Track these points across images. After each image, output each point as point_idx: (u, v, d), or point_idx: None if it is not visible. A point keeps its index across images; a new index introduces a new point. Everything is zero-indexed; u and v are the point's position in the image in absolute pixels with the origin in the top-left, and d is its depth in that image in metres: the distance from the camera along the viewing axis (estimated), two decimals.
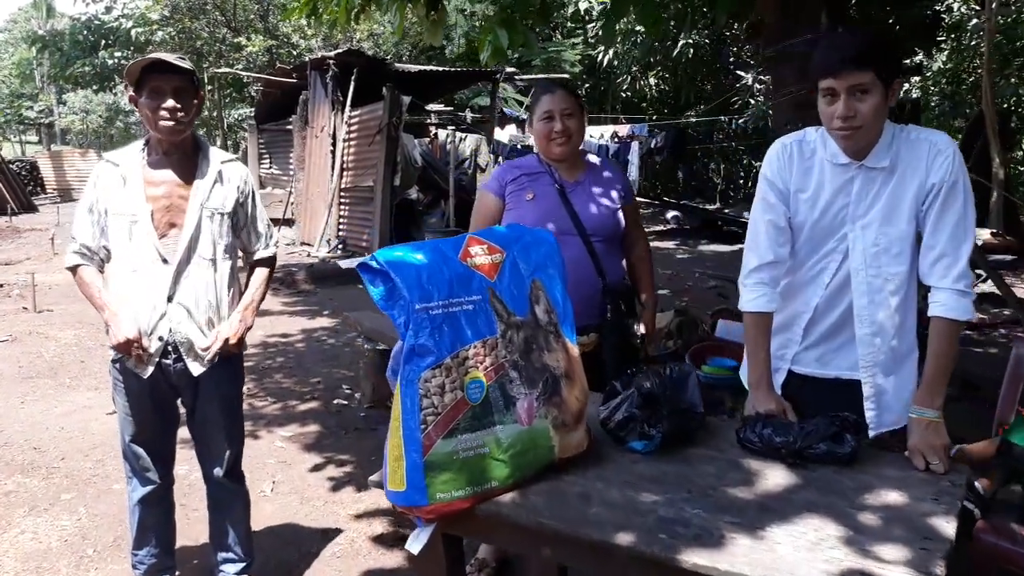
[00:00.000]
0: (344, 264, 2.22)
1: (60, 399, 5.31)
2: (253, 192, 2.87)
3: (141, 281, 2.62)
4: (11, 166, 22.63)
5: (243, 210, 2.82)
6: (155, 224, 2.63)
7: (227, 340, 2.68)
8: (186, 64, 2.62)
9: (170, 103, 2.58)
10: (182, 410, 2.85)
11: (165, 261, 2.63)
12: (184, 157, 2.72)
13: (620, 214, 3.08)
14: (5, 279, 9.80)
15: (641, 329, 3.14)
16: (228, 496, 2.93)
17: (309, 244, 13.30)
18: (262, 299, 2.90)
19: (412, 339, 1.89)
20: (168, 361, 2.66)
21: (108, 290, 2.66)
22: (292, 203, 14.80)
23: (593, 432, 2.15)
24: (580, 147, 3.10)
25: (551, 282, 2.15)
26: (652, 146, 11.08)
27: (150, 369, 2.64)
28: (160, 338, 2.62)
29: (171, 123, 2.60)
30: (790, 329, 2.41)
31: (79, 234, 2.70)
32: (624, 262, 3.18)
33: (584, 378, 2.11)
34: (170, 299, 2.63)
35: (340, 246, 12.44)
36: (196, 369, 2.67)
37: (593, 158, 3.22)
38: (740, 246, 12.02)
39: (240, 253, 2.89)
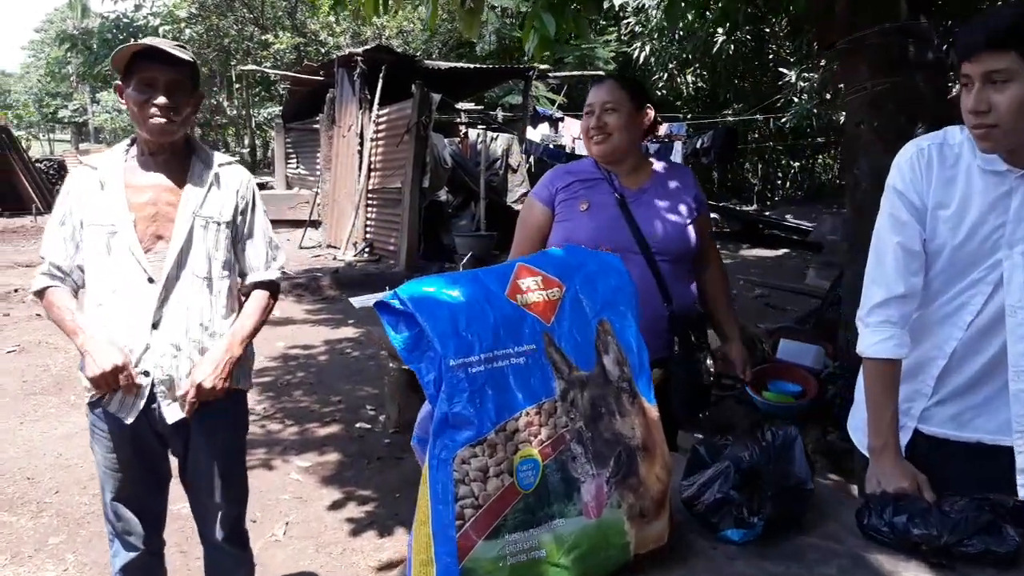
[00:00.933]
0: (357, 303, 1.77)
1: (62, 419, 4.92)
2: (255, 200, 2.41)
3: (121, 303, 2.18)
4: (38, 165, 22.50)
5: (243, 219, 2.36)
6: (139, 236, 2.20)
7: (201, 387, 2.16)
8: (185, 54, 2.18)
9: (161, 100, 2.13)
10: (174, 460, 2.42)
11: (151, 280, 2.19)
12: (173, 158, 2.28)
13: (691, 229, 2.62)
14: (21, 283, 9.48)
15: (724, 364, 2.67)
16: (228, 562, 2.47)
17: (335, 247, 12.89)
18: (256, 330, 2.34)
19: (445, 405, 1.43)
20: (154, 404, 2.22)
21: (83, 315, 2.22)
22: (319, 204, 14.41)
23: (672, 507, 1.67)
24: (629, 147, 2.62)
25: (622, 323, 1.67)
26: (698, 146, 10.53)
27: (135, 412, 2.20)
28: (146, 373, 2.18)
29: (162, 120, 2.16)
30: (917, 378, 1.91)
31: (48, 252, 2.26)
32: (694, 285, 2.71)
33: (666, 449, 1.64)
34: (155, 326, 2.19)
35: (367, 249, 12.03)
36: (172, 414, 2.22)
37: (661, 163, 2.76)
38: (784, 251, 11.44)
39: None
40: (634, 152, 2.65)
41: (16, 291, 8.93)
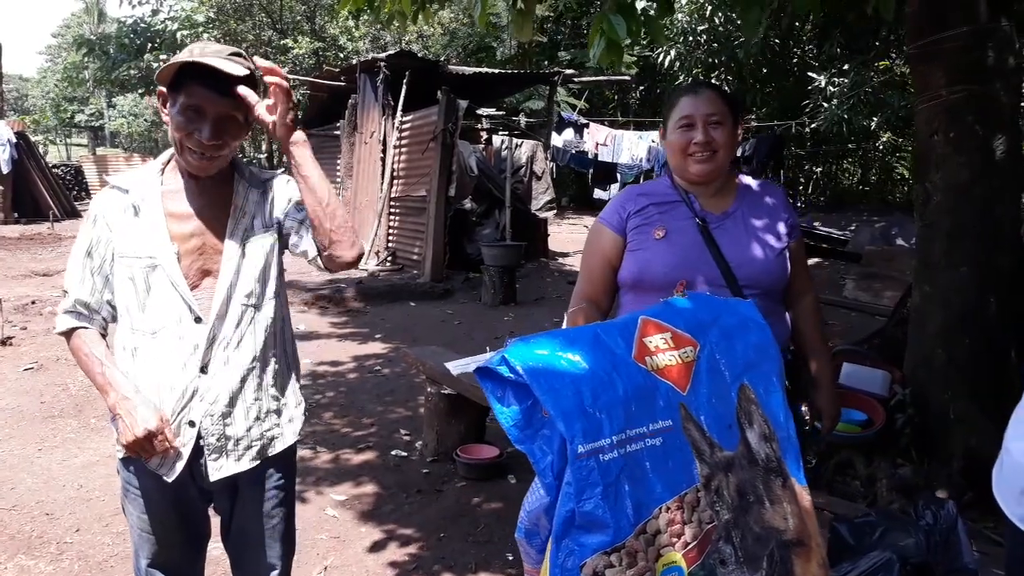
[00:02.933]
0: (455, 368, 1.51)
1: (82, 445, 4.66)
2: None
3: (164, 347, 1.92)
4: (56, 170, 22.36)
5: (296, 210, 2.04)
6: (183, 271, 1.93)
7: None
8: (240, 68, 1.82)
9: (206, 136, 1.85)
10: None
11: (198, 320, 1.92)
12: (218, 180, 2.01)
13: (785, 256, 2.33)
14: (39, 293, 9.26)
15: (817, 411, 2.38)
16: None
17: None
18: (320, 184, 1.95)
19: (571, 502, 1.15)
20: (200, 459, 1.96)
21: (115, 363, 1.96)
22: None
23: None
24: (727, 166, 2.35)
25: (767, 387, 1.39)
26: (738, 155, 10.22)
27: (178, 468, 1.94)
28: (191, 423, 1.92)
29: (203, 159, 1.90)
30: None
31: (73, 287, 2.00)
32: (787, 320, 2.42)
33: (821, 541, 1.36)
34: (204, 370, 1.93)
35: (389, 259, 11.78)
36: (223, 470, 1.96)
37: (748, 180, 2.46)
38: (815, 260, 11.10)
39: (288, 297, 2.18)
40: (725, 171, 2.37)
41: (33, 303, 8.69)
